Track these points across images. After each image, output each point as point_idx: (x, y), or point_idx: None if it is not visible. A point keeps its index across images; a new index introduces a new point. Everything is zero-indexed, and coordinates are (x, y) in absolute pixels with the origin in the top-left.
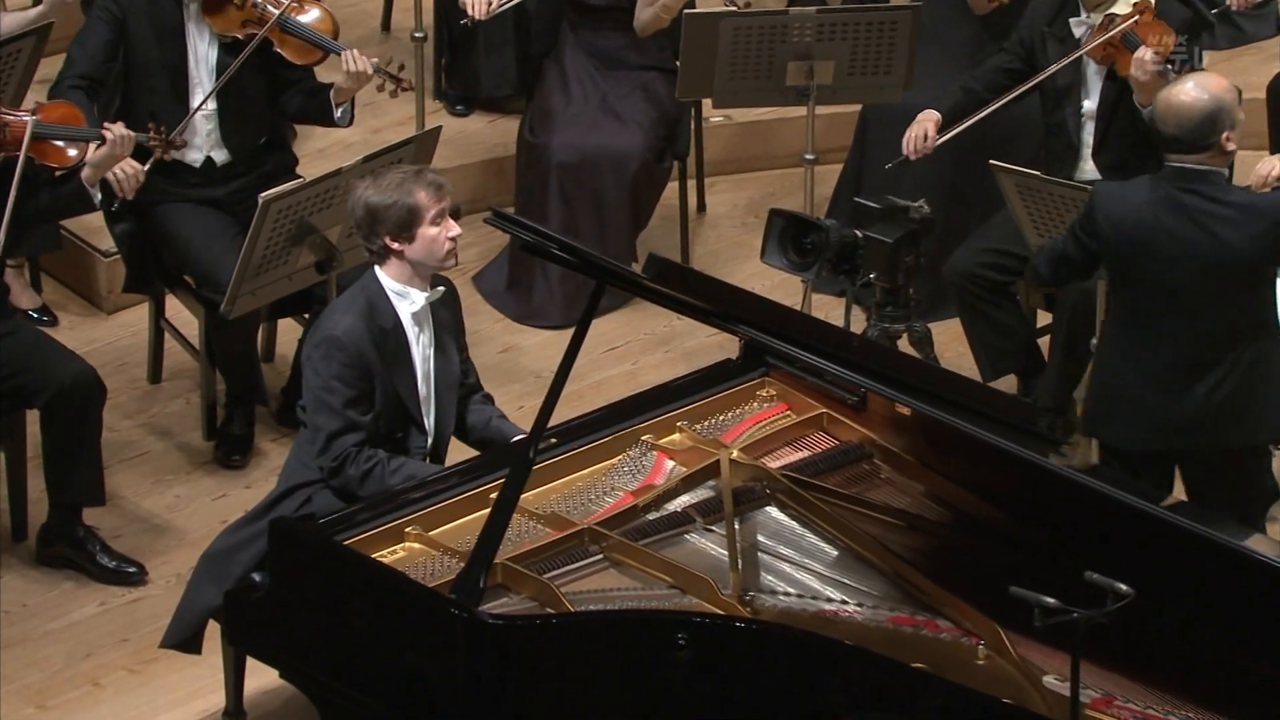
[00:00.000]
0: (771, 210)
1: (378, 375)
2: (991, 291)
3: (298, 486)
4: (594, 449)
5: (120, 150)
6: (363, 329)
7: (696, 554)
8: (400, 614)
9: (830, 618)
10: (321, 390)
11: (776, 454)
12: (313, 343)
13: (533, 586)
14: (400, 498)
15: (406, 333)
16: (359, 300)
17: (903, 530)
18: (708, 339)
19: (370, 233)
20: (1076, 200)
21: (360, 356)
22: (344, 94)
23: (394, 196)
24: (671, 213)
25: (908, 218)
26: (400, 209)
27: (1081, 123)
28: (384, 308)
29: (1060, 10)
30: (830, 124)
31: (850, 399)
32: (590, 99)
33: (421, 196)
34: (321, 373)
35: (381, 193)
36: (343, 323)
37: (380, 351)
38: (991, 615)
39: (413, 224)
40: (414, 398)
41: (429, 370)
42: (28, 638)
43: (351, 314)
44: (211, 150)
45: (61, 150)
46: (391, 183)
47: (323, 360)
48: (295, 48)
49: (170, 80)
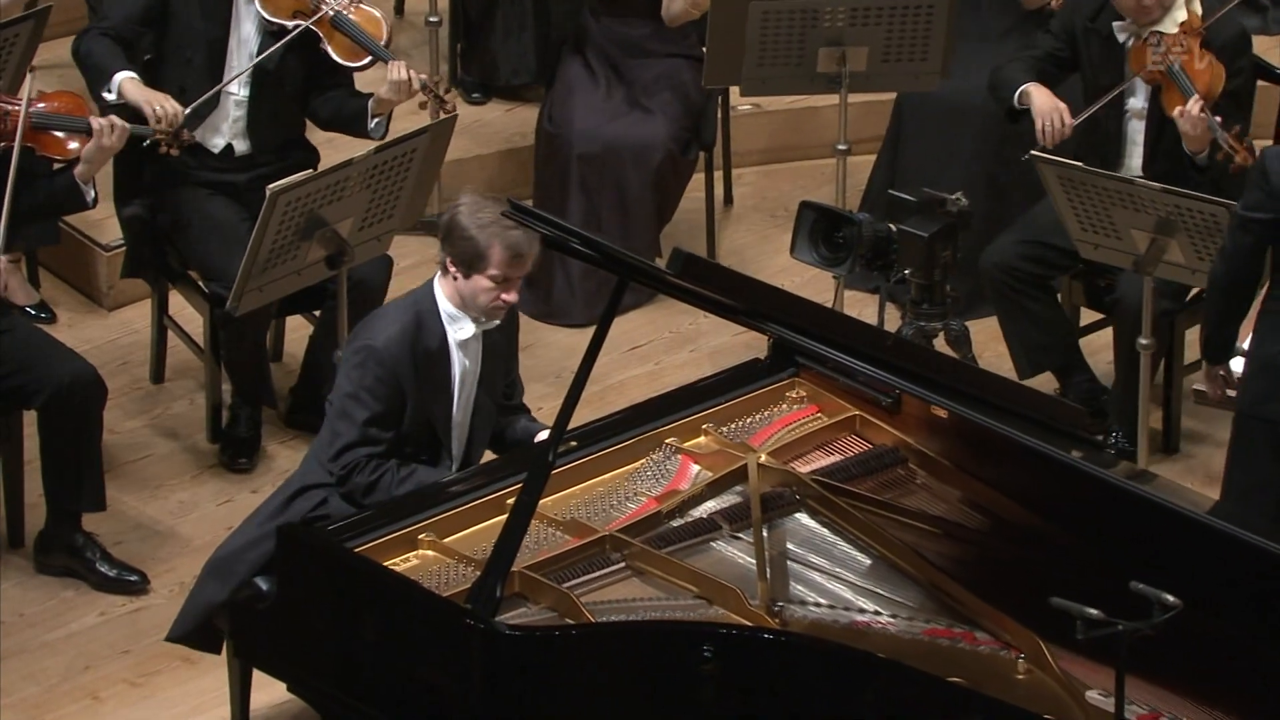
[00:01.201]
0: (802, 203)
1: (410, 397)
2: (1030, 285)
3: (314, 485)
4: (616, 452)
5: (110, 144)
6: (405, 346)
7: (723, 563)
8: (413, 625)
9: (863, 630)
10: (348, 399)
11: (807, 458)
12: (352, 348)
13: (552, 596)
14: (413, 503)
15: (451, 357)
16: (409, 313)
17: (939, 538)
18: (734, 338)
19: (443, 242)
20: (1121, 193)
21: (395, 374)
22: (384, 105)
23: (474, 233)
24: (697, 206)
25: (944, 211)
26: (471, 248)
27: (1126, 119)
28: (433, 327)
29: (1103, 7)
30: (863, 113)
31: (884, 401)
32: (613, 87)
33: (496, 253)
34: (352, 380)
35: (470, 218)
36: (386, 333)
37: (418, 373)
38: (1032, 627)
39: (472, 268)
40: (446, 425)
41: (468, 400)
42: (25, 649)
43: (397, 326)
44: (234, 138)
45: (62, 141)
46: (485, 218)
47: (356, 369)
48: (342, 47)
49: (208, 56)
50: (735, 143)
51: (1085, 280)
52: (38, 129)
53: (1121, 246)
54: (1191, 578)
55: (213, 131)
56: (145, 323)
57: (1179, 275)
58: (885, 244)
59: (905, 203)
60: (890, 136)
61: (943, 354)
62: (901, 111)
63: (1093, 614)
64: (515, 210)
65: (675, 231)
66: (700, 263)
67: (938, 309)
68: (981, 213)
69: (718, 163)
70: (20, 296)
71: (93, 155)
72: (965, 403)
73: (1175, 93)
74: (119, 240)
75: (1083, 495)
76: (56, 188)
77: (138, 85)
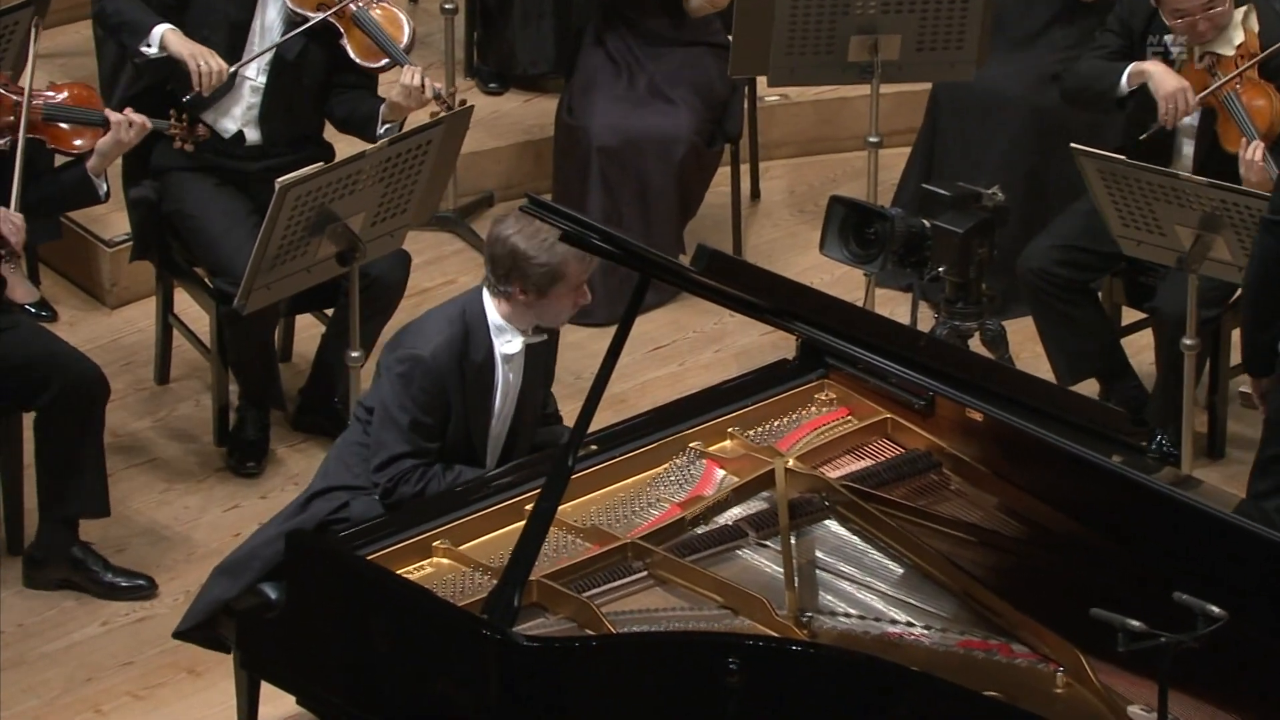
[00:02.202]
0: (832, 197)
1: (454, 409)
2: (1069, 290)
3: (336, 488)
4: (638, 457)
5: (127, 139)
6: (453, 358)
7: (749, 571)
8: (427, 635)
9: (895, 641)
10: (394, 408)
11: (836, 463)
12: (396, 355)
13: (571, 606)
14: (427, 509)
15: (496, 371)
16: (457, 324)
17: (974, 546)
18: (761, 338)
19: (506, 276)
20: (1165, 187)
21: (442, 386)
22: (396, 112)
23: (544, 256)
24: (722, 200)
25: (980, 206)
26: (548, 271)
27: (1177, 134)
28: (480, 340)
29: (1153, 15)
30: (896, 104)
31: (917, 403)
32: (635, 77)
33: (573, 266)
34: (397, 390)
35: (531, 243)
36: (433, 344)
37: (463, 385)
38: (1072, 639)
39: (552, 287)
40: (483, 437)
41: (508, 414)
42: (24, 660)
43: (444, 337)
44: (246, 126)
45: (70, 135)
46: (547, 238)
47: (402, 379)
48: (360, 44)
49: (228, 38)
50: (762, 135)
51: (1127, 278)
52: (49, 120)
53: (1165, 243)
54: (1238, 587)
55: (225, 116)
56: (149, 321)
57: (1224, 273)
58: (919, 240)
59: (940, 197)
60: (924, 128)
61: (978, 355)
62: (936, 102)
63: (1135, 625)
64: (534, 205)
65: (700, 227)
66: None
67: (973, 308)
68: (1019, 208)
69: (744, 156)
70: (20, 294)
71: (108, 149)
72: (1002, 405)
73: (1232, 126)
74: (123, 235)
75: (1124, 502)
76: (67, 181)
77: (181, 38)
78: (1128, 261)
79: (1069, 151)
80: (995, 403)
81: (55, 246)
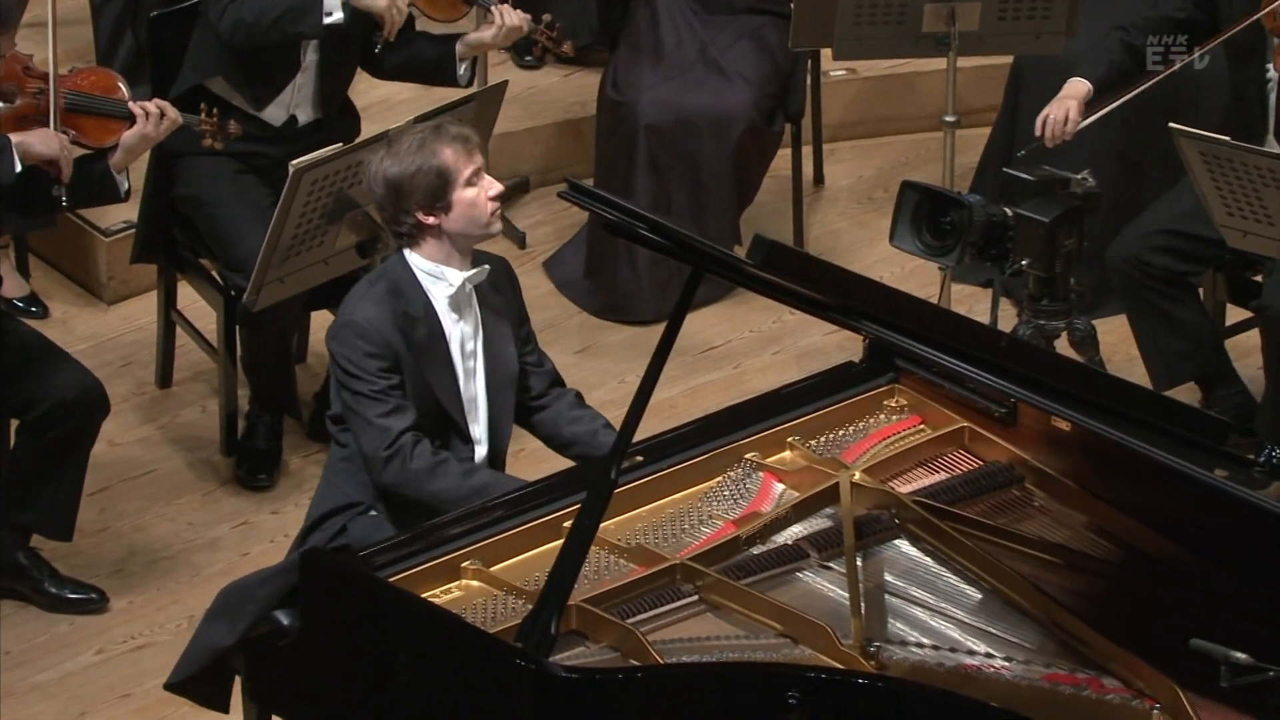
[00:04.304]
0: (903, 183)
1: (408, 369)
2: (1167, 283)
3: (329, 514)
4: (688, 469)
5: (154, 133)
6: (386, 314)
7: (811, 596)
8: (455, 666)
9: (973, 674)
10: (349, 379)
11: (908, 476)
12: (330, 334)
13: (614, 633)
14: (455, 525)
15: (441, 320)
16: (378, 285)
17: (1061, 569)
18: (825, 338)
19: (397, 210)
20: (1275, 171)
21: (387, 345)
22: (474, 50)
23: (416, 161)
24: (783, 186)
25: (1068, 192)
26: (427, 174)
27: (1267, 90)
28: (412, 293)
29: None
30: (975, 79)
31: (998, 411)
32: (687, 49)
33: (448, 155)
34: (348, 358)
35: (400, 161)
36: (360, 306)
37: (408, 341)
38: (1169, 673)
39: (445, 190)
40: (455, 400)
41: (474, 367)
42: (12, 692)
43: (369, 299)
44: (297, 108)
45: (102, 127)
46: (410, 146)
47: (341, 349)
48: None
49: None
50: (827, 114)
51: (1231, 273)
52: (72, 111)
53: (1275, 234)
54: None
55: (272, 103)
56: (151, 318)
57: None
58: (999, 230)
59: (1023, 183)
60: (1006, 106)
61: (1065, 357)
62: (1019, 78)
63: (1240, 658)
64: (573, 191)
65: (757, 215)
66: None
67: (1060, 305)
68: (1111, 194)
69: (806, 136)
70: (8, 288)
71: (134, 143)
72: (1092, 413)
73: None
74: (121, 224)
75: (1228, 521)
76: (88, 177)
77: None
78: (1232, 254)
79: (1167, 131)
80: (1084, 410)
81: (47, 236)
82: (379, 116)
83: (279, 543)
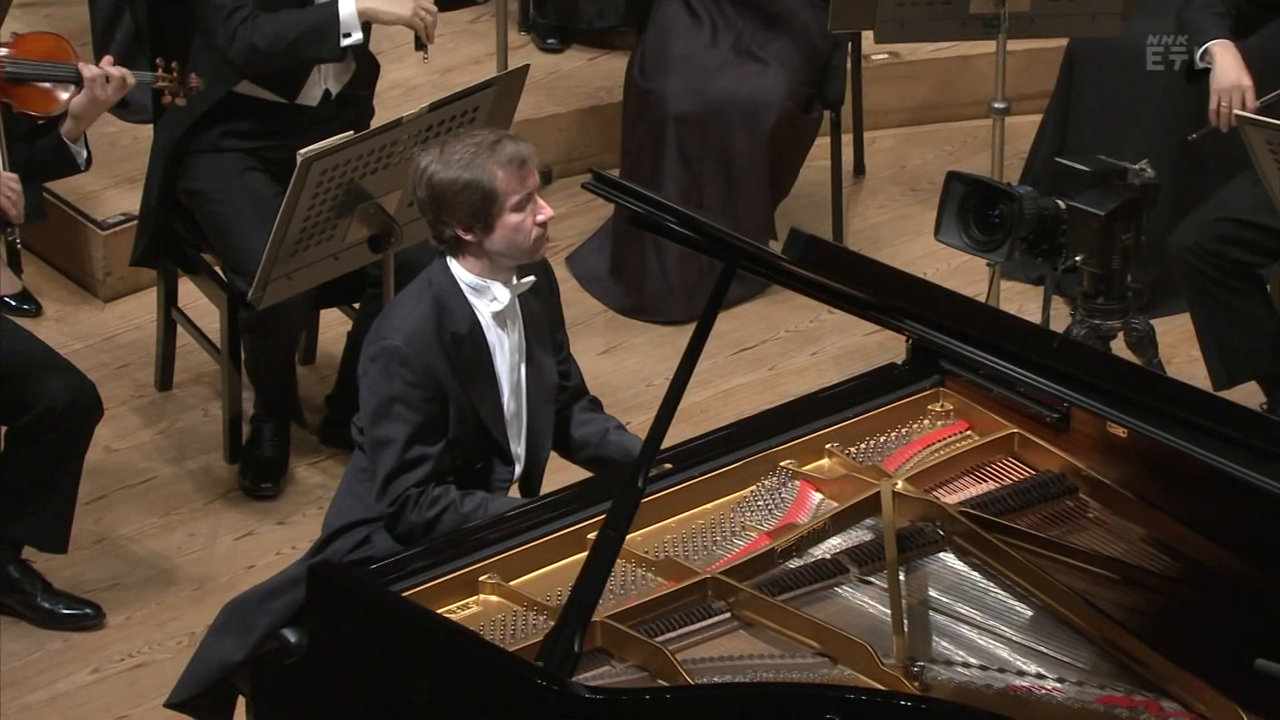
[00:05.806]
0: (949, 174)
1: (452, 395)
2: (1231, 274)
3: (352, 525)
4: (720, 478)
5: (105, 96)
6: (431, 336)
7: (850, 613)
8: (473, 685)
9: (1023, 696)
10: (380, 419)
11: (954, 486)
12: (369, 354)
13: (641, 652)
14: (474, 538)
15: (487, 337)
16: (425, 299)
17: (1117, 585)
18: (865, 338)
19: (437, 219)
20: None
21: (428, 372)
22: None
23: (465, 177)
24: (821, 177)
25: (1125, 184)
26: (473, 192)
27: None
28: (458, 308)
29: None
30: (1027, 63)
31: (1050, 416)
32: (719, 32)
33: (499, 177)
34: (379, 393)
35: (449, 169)
36: (404, 328)
37: (454, 364)
38: (1232, 695)
39: (489, 212)
40: (498, 419)
41: (518, 381)
42: (3, 713)
43: (415, 317)
44: (329, 81)
45: (47, 94)
46: (462, 157)
47: (381, 377)
48: None
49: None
50: (868, 100)
51: None
52: (11, 81)
53: None
54: None
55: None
56: (149, 317)
57: None
58: (1052, 224)
59: (1077, 173)
60: (1059, 93)
61: (1122, 359)
62: (1073, 62)
63: None
64: (598, 182)
65: (794, 208)
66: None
67: (1116, 304)
68: (1171, 186)
69: (846, 124)
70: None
71: (83, 109)
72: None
73: None
74: (118, 217)
75: None
76: (43, 150)
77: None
78: None
79: None
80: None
81: (40, 229)
82: (393, 103)
83: (285, 555)
